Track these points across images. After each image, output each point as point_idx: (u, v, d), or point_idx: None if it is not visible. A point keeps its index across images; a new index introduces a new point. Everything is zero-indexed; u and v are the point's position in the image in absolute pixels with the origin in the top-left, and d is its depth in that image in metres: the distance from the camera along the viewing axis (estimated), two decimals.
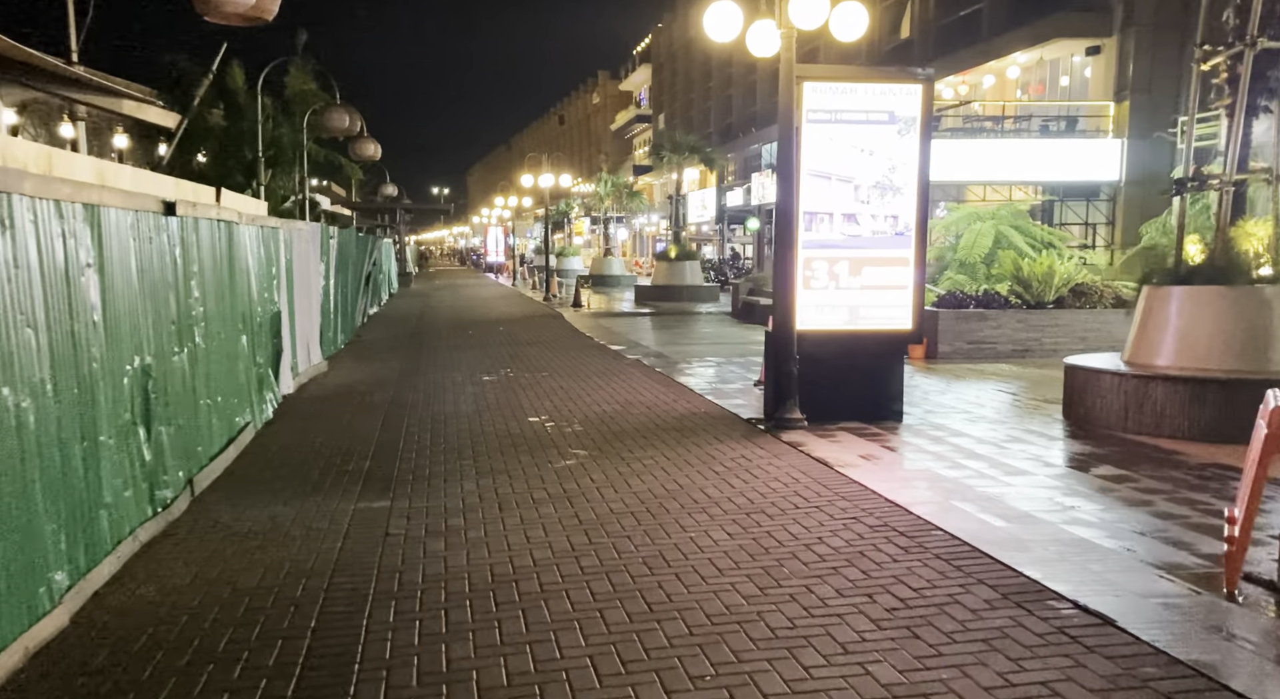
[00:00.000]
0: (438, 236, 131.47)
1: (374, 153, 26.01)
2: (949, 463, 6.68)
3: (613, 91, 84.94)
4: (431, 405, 9.77)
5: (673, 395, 10.02)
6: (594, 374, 11.88)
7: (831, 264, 8.05)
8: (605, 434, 8.09)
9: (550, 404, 9.72)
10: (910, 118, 7.92)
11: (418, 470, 6.96)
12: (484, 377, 11.89)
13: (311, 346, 12.40)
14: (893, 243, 8.03)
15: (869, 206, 7.95)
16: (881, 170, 7.92)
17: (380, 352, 15.03)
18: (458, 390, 10.78)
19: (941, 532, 5.00)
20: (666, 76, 63.68)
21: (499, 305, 26.76)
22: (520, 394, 10.40)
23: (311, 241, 12.74)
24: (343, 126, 21.61)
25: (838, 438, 7.57)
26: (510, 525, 5.50)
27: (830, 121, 7.91)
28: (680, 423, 8.46)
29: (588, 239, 69.17)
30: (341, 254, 15.87)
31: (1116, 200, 21.66)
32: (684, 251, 25.92)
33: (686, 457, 7.10)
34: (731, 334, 17.37)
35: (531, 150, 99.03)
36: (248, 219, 8.71)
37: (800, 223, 7.90)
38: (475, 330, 18.59)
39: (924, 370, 11.70)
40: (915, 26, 30.47)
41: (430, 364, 13.29)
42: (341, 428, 8.62)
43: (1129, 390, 7.31)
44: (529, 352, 14.60)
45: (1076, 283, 12.77)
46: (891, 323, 8.13)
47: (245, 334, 8.40)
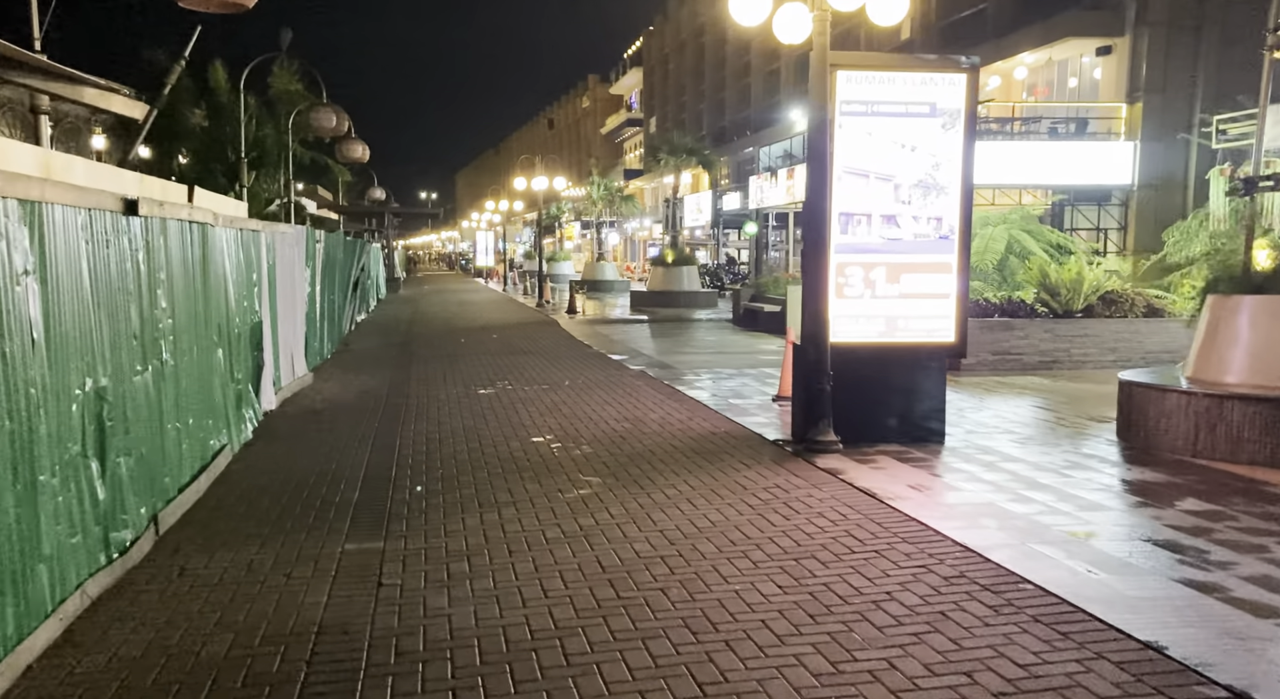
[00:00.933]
0: (426, 241, 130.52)
1: (362, 154, 25.21)
2: (1011, 494, 5.97)
3: (603, 95, 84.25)
4: (425, 423, 9.02)
5: (686, 412, 9.29)
6: (597, 387, 11.14)
7: (867, 270, 7.34)
8: (618, 457, 7.35)
9: (554, 421, 8.97)
10: (954, 110, 7.23)
11: (413, 501, 6.20)
12: (480, 389, 11.13)
13: (296, 358, 11.61)
14: (936, 247, 7.33)
15: (910, 207, 7.25)
16: (924, 168, 7.22)
17: (369, 362, 14.25)
18: (453, 405, 10.02)
19: (1031, 585, 4.28)
20: (657, 80, 63.07)
21: (491, 311, 25.99)
22: (521, 410, 9.64)
23: (296, 246, 11.96)
24: (330, 126, 20.78)
25: (879, 464, 6.85)
26: (523, 573, 4.75)
27: (867, 114, 7.21)
28: (700, 445, 7.73)
29: (578, 244, 68.42)
30: (328, 259, 15.08)
31: (1129, 205, 21.08)
32: (681, 256, 25.24)
33: (714, 486, 6.37)
34: (736, 343, 16.66)
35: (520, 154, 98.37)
36: (225, 221, 7.94)
37: (834, 225, 7.19)
38: (468, 338, 17.83)
39: (950, 384, 10.98)
40: (916, 26, 29.90)
41: (422, 375, 12.52)
42: (327, 449, 7.85)
43: (1200, 411, 6.63)
44: (526, 362, 13.85)
45: (1106, 291, 12.11)
46: (932, 335, 7.43)
47: (221, 347, 7.63)
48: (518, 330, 19.64)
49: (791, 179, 26.56)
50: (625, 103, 76.44)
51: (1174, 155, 20.29)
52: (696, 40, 54.32)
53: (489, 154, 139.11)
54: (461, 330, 19.77)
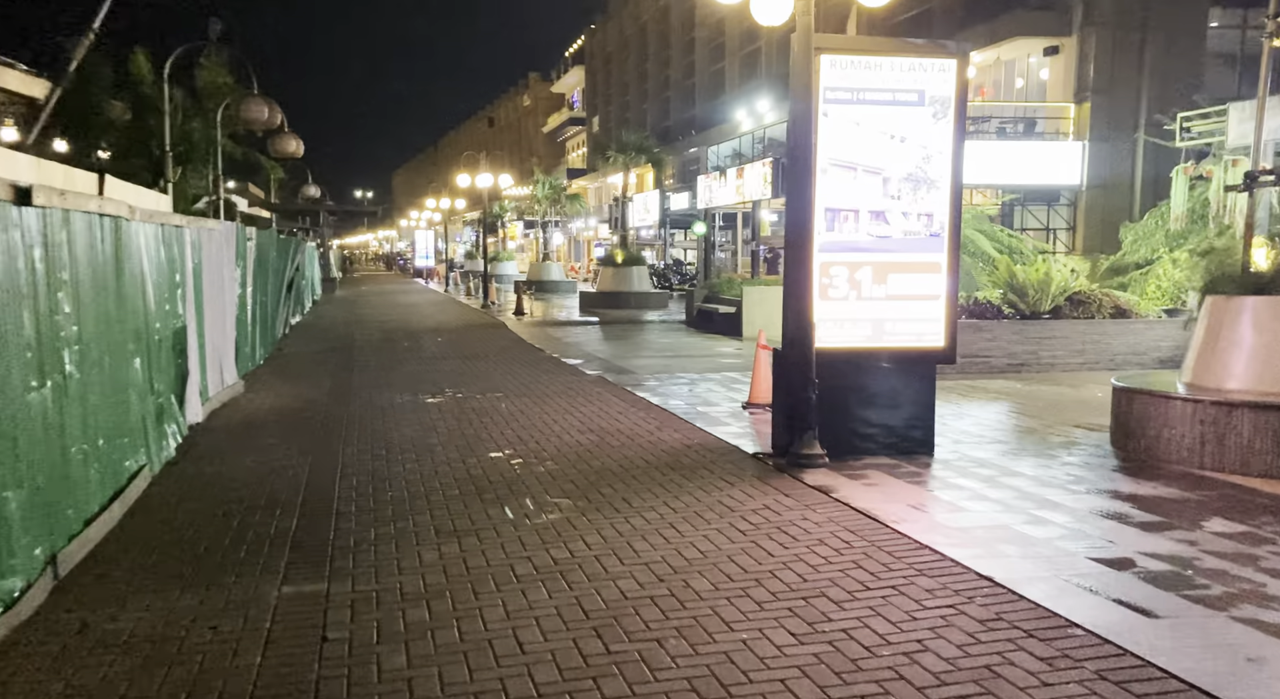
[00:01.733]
0: (362, 240, 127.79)
1: (296, 149, 24.04)
2: (1023, 515, 5.49)
3: (544, 93, 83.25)
4: (370, 437, 8.26)
5: (654, 421, 8.69)
6: (555, 394, 10.47)
7: (853, 270, 6.83)
8: (587, 475, 6.72)
9: (512, 433, 8.30)
10: (943, 98, 6.76)
11: (360, 531, 5.49)
12: (428, 398, 10.38)
13: (225, 365, 10.72)
14: (925, 245, 6.85)
15: (900, 203, 6.75)
16: (915, 160, 6.73)
17: (306, 368, 13.36)
18: (400, 416, 9.27)
19: (1081, 630, 3.77)
20: (600, 79, 62.42)
21: (434, 313, 25.07)
22: (474, 421, 8.94)
23: (225, 244, 11.06)
24: (261, 119, 19.67)
25: (871, 479, 6.33)
26: (493, 622, 4.10)
27: (852, 102, 6.70)
28: (674, 459, 7.14)
29: (520, 243, 67.39)
30: (261, 258, 14.14)
31: (1078, 205, 21.12)
32: (631, 256, 24.64)
33: (697, 508, 5.77)
34: (693, 345, 16.13)
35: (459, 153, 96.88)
36: (143, 215, 7.10)
37: (819, 221, 6.65)
38: (411, 342, 16.98)
39: None
40: (862, 25, 29.77)
41: (364, 382, 11.70)
42: (261, 469, 7.07)
43: (1207, 421, 6.26)
44: (476, 367, 13.11)
45: (1074, 291, 11.85)
46: (921, 339, 6.95)
47: (139, 356, 6.80)
48: (464, 333, 18.83)
49: (741, 178, 26.17)
50: (567, 101, 75.58)
51: (1121, 155, 20.37)
52: (640, 39, 53.83)
53: (427, 152, 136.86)
54: (404, 333, 18.88)
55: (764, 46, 36.87)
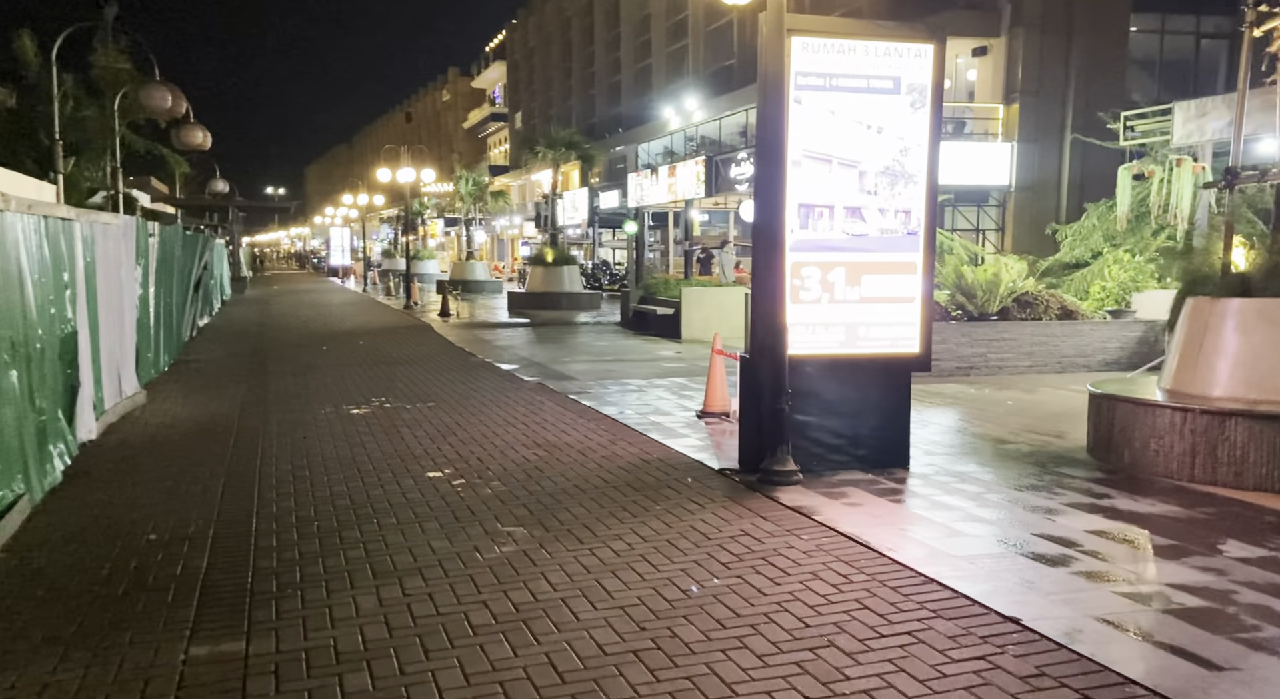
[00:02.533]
0: (274, 238, 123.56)
1: (202, 140, 22.65)
2: (1026, 540, 5.03)
3: (464, 89, 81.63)
4: (291, 454, 7.44)
5: (606, 433, 8.07)
6: (493, 403, 9.76)
7: (825, 271, 6.33)
8: (540, 497, 6.06)
9: (450, 449, 7.58)
10: (920, 86, 6.31)
11: (284, 571, 4.74)
12: (353, 409, 9.56)
13: (124, 373, 9.70)
14: (902, 245, 6.40)
15: (877, 198, 6.28)
16: (892, 153, 6.27)
17: (216, 375, 12.32)
18: (323, 430, 8.45)
19: (1142, 689, 3.29)
20: (523, 74, 61.34)
21: (353, 314, 23.92)
22: (407, 434, 8.18)
23: (124, 240, 10.03)
24: (163, 107, 18.31)
25: (852, 498, 5.84)
26: (451, 691, 3.43)
27: (824, 88, 6.20)
28: (634, 476, 6.53)
29: (441, 242, 65.85)
30: (165, 256, 13.03)
31: (1007, 205, 21.26)
32: (562, 255, 23.88)
33: (669, 535, 5.19)
34: (632, 348, 15.54)
35: (375, 149, 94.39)
36: (20, 206, 6.17)
37: (792, 218, 6.13)
38: (331, 345, 15.97)
39: None
40: None
41: (282, 391, 10.78)
42: (164, 495, 6.21)
43: (1198, 430, 5.95)
44: (403, 373, 12.27)
45: (1021, 292, 11.66)
46: (896, 345, 6.50)
47: (16, 368, 5.88)
48: (387, 336, 17.87)
49: (674, 177, 25.71)
50: (488, 97, 74.21)
51: (1049, 157, 20.57)
52: (563, 34, 53.01)
53: (341, 148, 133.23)
54: (322, 336, 17.82)
55: (690, 44, 36.53)
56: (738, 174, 22.31)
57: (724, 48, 34.14)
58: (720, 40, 34.58)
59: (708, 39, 35.54)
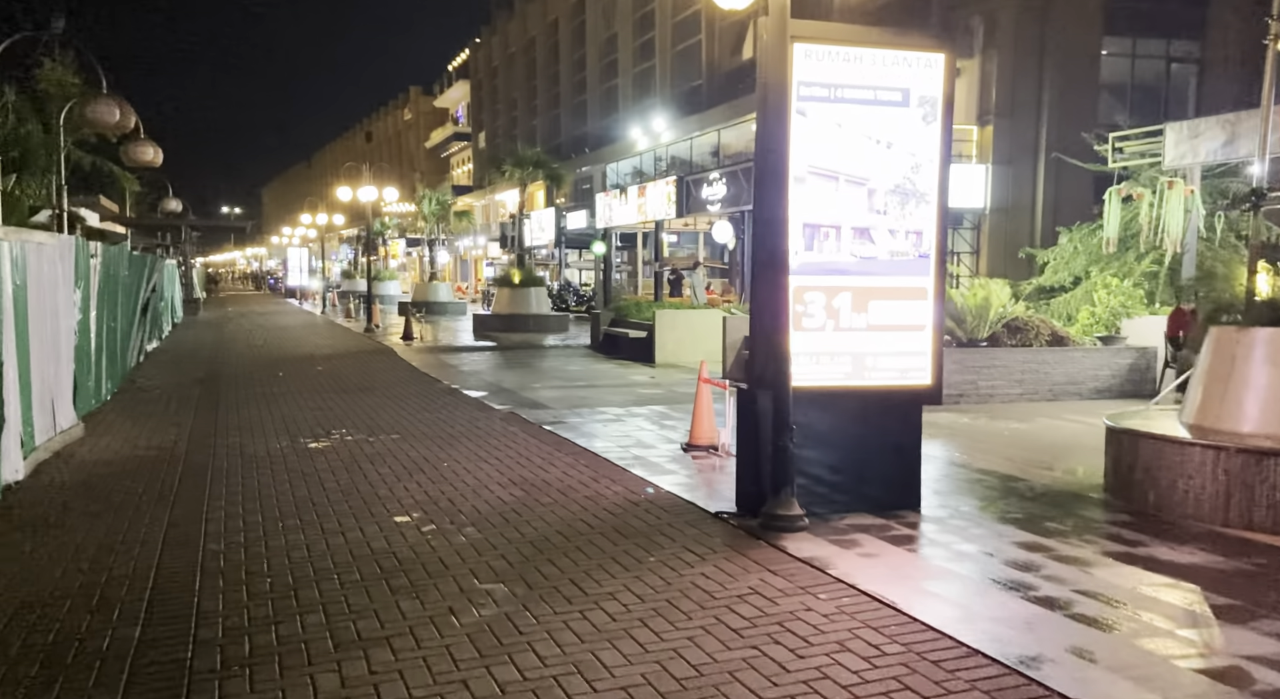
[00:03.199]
0: (230, 258, 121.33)
1: (153, 157, 21.80)
2: (1070, 600, 4.55)
3: (426, 108, 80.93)
4: (242, 496, 6.76)
5: (586, 469, 7.49)
6: (463, 436, 9.13)
7: (830, 296, 5.84)
8: (520, 546, 5.46)
9: (418, 489, 6.94)
10: (931, 98, 5.88)
11: (230, 643, 4.10)
12: (311, 443, 8.88)
13: (59, 404, 8.93)
14: (913, 268, 5.93)
15: (887, 218, 5.81)
16: (903, 170, 5.81)
17: (162, 404, 11.54)
18: (278, 467, 7.77)
19: None
20: (486, 94, 60.84)
21: (311, 338, 23.07)
22: (370, 472, 7.53)
23: (61, 261, 9.29)
24: (111, 121, 17.47)
25: (865, 547, 5.32)
26: None
27: (829, 100, 5.74)
28: (622, 521, 5.95)
29: (402, 262, 64.87)
30: (108, 277, 12.25)
31: (981, 228, 21.08)
32: (529, 276, 23.32)
33: (669, 594, 4.62)
34: (604, 373, 14.97)
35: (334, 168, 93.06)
36: None
37: (796, 239, 5.64)
38: (288, 371, 15.20)
39: None
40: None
41: (233, 423, 10.05)
42: (95, 547, 5.52)
43: (1232, 471, 5.53)
44: (365, 402, 11.58)
45: (1011, 317, 11.31)
46: (906, 376, 6.02)
47: None
48: (348, 361, 17.11)
49: (643, 197, 25.29)
50: (451, 116, 73.56)
51: (1023, 179, 20.44)
52: (528, 54, 52.65)
53: (300, 167, 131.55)
54: (278, 361, 17.02)
55: (658, 64, 36.29)
56: (710, 194, 21.94)
57: (692, 68, 33.91)
58: (688, 61, 34.37)
59: (675, 59, 35.33)
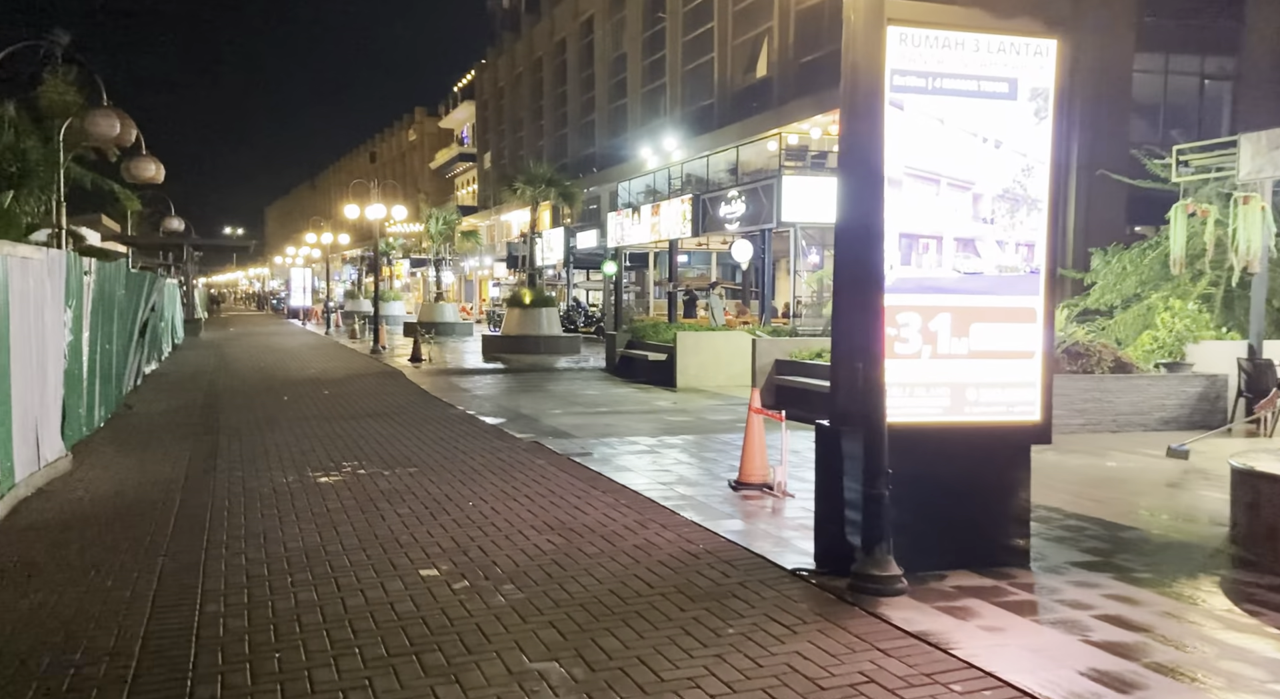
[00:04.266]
0: (232, 278, 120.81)
1: (155, 173, 21.16)
2: (1250, 682, 3.75)
3: (431, 129, 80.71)
4: (245, 542, 5.95)
5: (630, 510, 6.67)
6: (485, 469, 8.32)
7: (927, 318, 5.07)
8: (570, 610, 4.65)
9: (444, 533, 6.14)
10: (1041, 91, 5.14)
11: None
12: (321, 477, 8.08)
13: (44, 434, 8.13)
14: (1021, 286, 5.16)
15: (994, 228, 5.05)
16: (1013, 172, 5.06)
17: (159, 432, 10.74)
18: (285, 507, 6.96)
19: None
20: (491, 115, 60.44)
21: (317, 359, 22.29)
22: (388, 512, 6.72)
23: (50, 277, 8.53)
24: (111, 135, 16.78)
25: (982, 616, 4.50)
26: None
27: (927, 91, 5.00)
28: (685, 578, 5.14)
29: (406, 283, 64.25)
30: (103, 296, 11.49)
31: None
32: (540, 296, 22.58)
33: (761, 680, 3.80)
34: (625, 398, 14.17)
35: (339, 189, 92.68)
36: None
37: (892, 251, 4.88)
38: (293, 395, 14.41)
39: None
40: (773, 64, 28.94)
41: (235, 454, 9.25)
42: (75, 607, 4.71)
43: None
44: (376, 430, 10.78)
45: (1072, 343, 10.52)
46: (1012, 411, 5.23)
47: None
48: (356, 384, 16.32)
49: (657, 216, 24.59)
50: (456, 137, 73.26)
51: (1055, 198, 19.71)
52: (534, 74, 52.23)
53: (303, 188, 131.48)
54: (282, 384, 16.23)
55: (668, 83, 35.76)
56: (728, 213, 21.25)
57: (704, 87, 33.37)
58: (700, 80, 33.83)
59: (686, 78, 34.79)
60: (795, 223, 19.05)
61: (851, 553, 4.90)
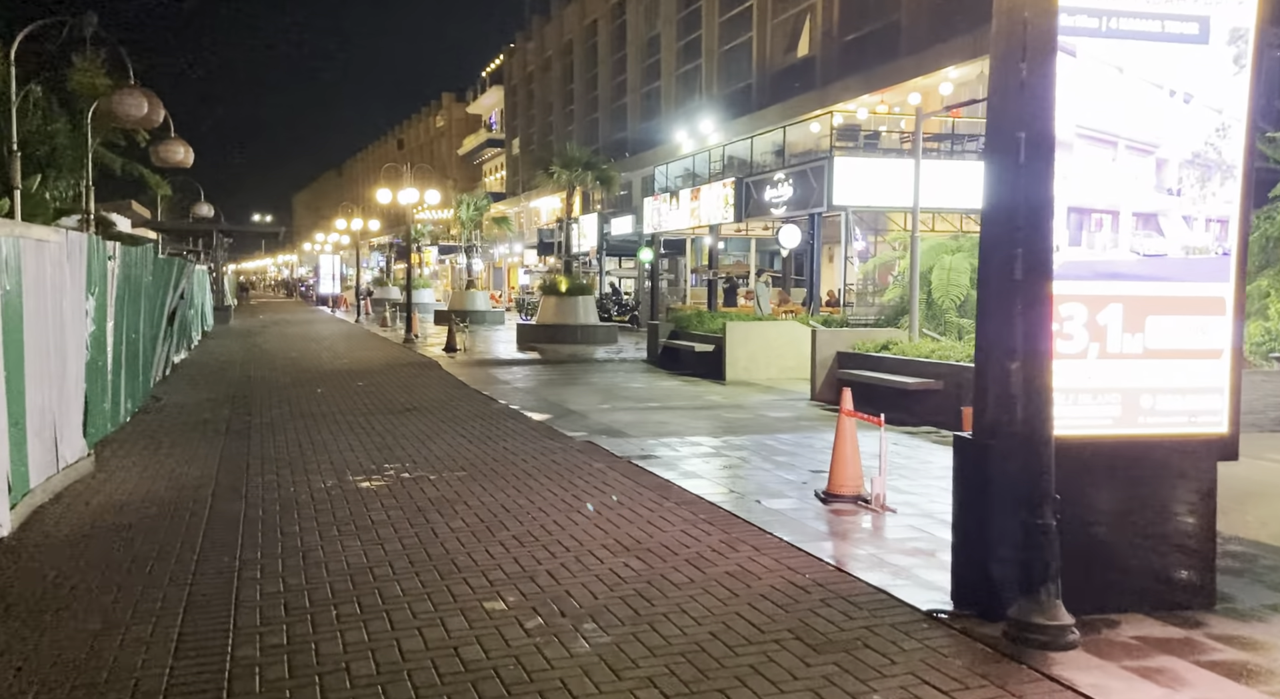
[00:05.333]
0: (260, 265, 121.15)
1: (184, 157, 20.61)
2: None
3: (459, 114, 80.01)
4: (282, 562, 5.22)
5: (713, 528, 5.87)
6: (540, 473, 7.56)
7: (1094, 310, 4.22)
8: (670, 662, 3.86)
9: (505, 553, 5.37)
10: (1241, 33, 4.24)
11: None
12: (362, 481, 7.35)
13: (63, 434, 7.46)
14: (1210, 270, 4.30)
15: (1181, 201, 4.19)
16: (1204, 132, 4.19)
17: (187, 428, 10.08)
18: (324, 517, 6.24)
19: None
20: (521, 99, 59.63)
21: (349, 349, 21.67)
22: (440, 527, 5.97)
23: (70, 262, 7.86)
24: (138, 114, 16.13)
25: (1193, 686, 3.64)
26: None
27: (1099, 33, 4.13)
28: (800, 620, 4.33)
29: (434, 270, 63.77)
30: (129, 283, 10.84)
31: None
32: (577, 285, 21.79)
33: None
34: (675, 392, 13.37)
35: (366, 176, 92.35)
36: None
37: (1060, 230, 4.03)
38: (327, 387, 13.74)
39: None
40: (817, 41, 27.88)
41: (268, 451, 8.56)
42: (85, 650, 4.00)
43: None
44: (417, 426, 10.05)
45: None
46: (1195, 422, 4.37)
47: None
48: (390, 375, 15.62)
49: (697, 200, 23.71)
50: (485, 123, 72.51)
51: None
52: (565, 58, 51.32)
53: (330, 176, 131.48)
54: (315, 375, 15.58)
55: (704, 64, 34.76)
56: (774, 196, 20.32)
57: (741, 68, 32.36)
58: (737, 60, 32.81)
59: (723, 59, 33.78)
60: (847, 206, 18.11)
61: (1000, 592, 4.07)
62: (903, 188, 18.45)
